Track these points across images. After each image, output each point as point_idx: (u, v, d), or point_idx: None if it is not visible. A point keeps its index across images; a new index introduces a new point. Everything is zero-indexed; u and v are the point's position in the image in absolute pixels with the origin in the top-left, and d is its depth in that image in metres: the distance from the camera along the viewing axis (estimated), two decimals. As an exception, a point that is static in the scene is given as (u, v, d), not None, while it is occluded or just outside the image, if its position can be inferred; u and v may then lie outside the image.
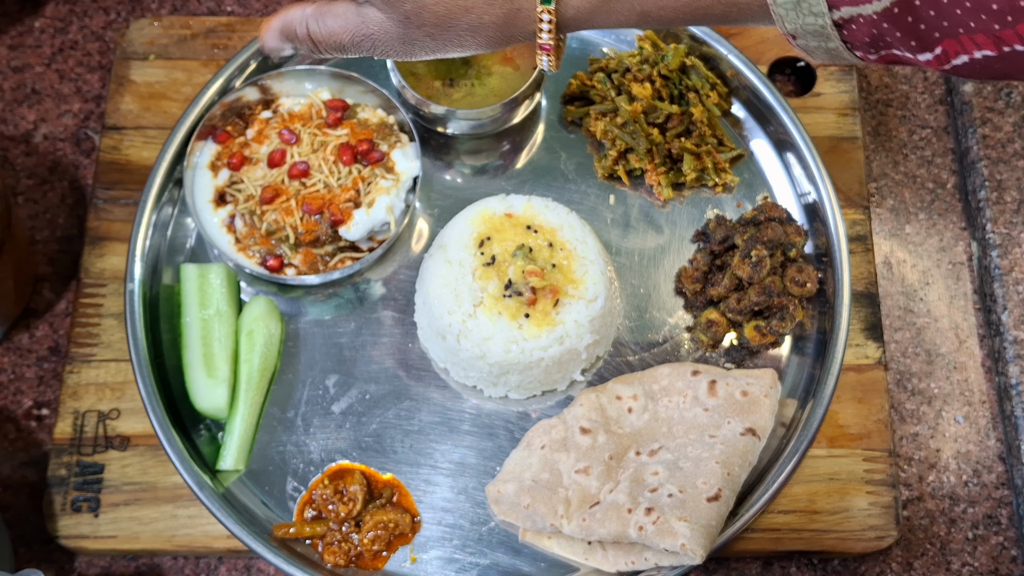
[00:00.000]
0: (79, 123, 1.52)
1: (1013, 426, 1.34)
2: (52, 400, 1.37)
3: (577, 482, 1.21)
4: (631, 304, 1.37)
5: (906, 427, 1.37)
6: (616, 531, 1.16)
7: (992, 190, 1.44)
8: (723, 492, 1.17)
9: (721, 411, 1.24)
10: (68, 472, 1.29)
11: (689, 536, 1.12)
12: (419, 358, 1.35)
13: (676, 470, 1.20)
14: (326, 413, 1.32)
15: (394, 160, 1.37)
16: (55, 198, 1.48)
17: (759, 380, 1.27)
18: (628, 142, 1.41)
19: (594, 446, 1.23)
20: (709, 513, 1.15)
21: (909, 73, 1.57)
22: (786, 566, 1.32)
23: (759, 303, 1.32)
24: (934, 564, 1.32)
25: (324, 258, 1.35)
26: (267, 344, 1.32)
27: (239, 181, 1.36)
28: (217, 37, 1.52)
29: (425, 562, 1.25)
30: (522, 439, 1.28)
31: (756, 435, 1.22)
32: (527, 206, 1.33)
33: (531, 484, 1.22)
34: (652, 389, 1.29)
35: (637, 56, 1.46)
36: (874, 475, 1.30)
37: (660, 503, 1.16)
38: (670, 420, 1.26)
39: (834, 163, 1.43)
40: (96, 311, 1.37)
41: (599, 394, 1.28)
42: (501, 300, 1.27)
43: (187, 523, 1.27)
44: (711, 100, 1.44)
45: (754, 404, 1.24)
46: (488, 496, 1.26)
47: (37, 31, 1.58)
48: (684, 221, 1.42)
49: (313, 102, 1.40)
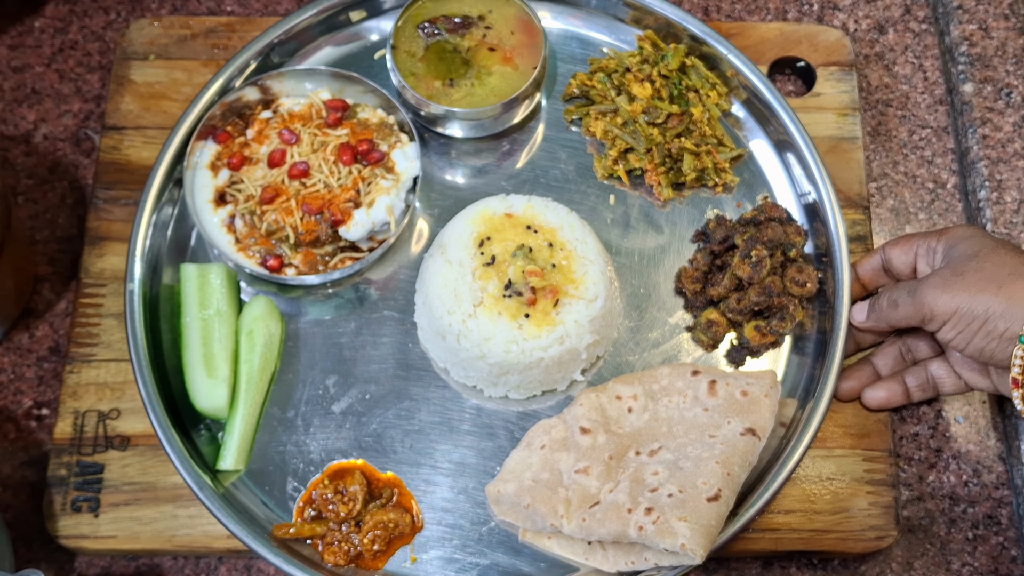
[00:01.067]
0: (79, 123, 1.52)
1: (1013, 426, 1.34)
2: (52, 400, 1.37)
3: (577, 482, 1.21)
4: (631, 304, 1.37)
5: (906, 427, 1.37)
6: (616, 531, 1.16)
7: (992, 190, 1.44)
8: (723, 492, 1.16)
9: (721, 411, 1.24)
10: (68, 472, 1.29)
11: (689, 536, 1.12)
12: (419, 358, 1.35)
13: (676, 470, 1.19)
14: (326, 413, 1.32)
15: (394, 160, 1.37)
16: (55, 198, 1.48)
17: (759, 380, 1.27)
18: (628, 142, 1.41)
19: (594, 446, 1.23)
20: (709, 513, 1.15)
21: (909, 73, 1.57)
22: (786, 566, 1.32)
23: (759, 303, 1.32)
24: (934, 564, 1.32)
25: (324, 258, 1.35)
26: (267, 344, 1.32)
27: (239, 181, 1.36)
28: (217, 37, 1.52)
29: (425, 562, 1.25)
30: (523, 439, 1.28)
31: (756, 435, 1.22)
32: (527, 206, 1.33)
33: (531, 484, 1.22)
34: (652, 389, 1.29)
35: (637, 56, 1.46)
36: (874, 475, 1.30)
37: (660, 503, 1.16)
38: (670, 420, 1.26)
39: (834, 163, 1.43)
40: (96, 311, 1.37)
41: (599, 394, 1.28)
42: (501, 300, 1.27)
43: (187, 523, 1.27)
44: (711, 100, 1.44)
45: (754, 404, 1.24)
46: (488, 496, 1.26)
47: (37, 31, 1.58)
48: (684, 221, 1.42)
49: (313, 102, 1.40)
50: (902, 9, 1.61)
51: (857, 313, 1.31)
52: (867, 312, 1.30)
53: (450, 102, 1.39)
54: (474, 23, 1.43)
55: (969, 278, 1.18)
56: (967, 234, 1.25)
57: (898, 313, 1.24)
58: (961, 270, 1.19)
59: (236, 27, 1.53)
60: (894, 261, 1.31)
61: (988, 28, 1.54)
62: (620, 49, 1.50)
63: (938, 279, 1.20)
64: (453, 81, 1.40)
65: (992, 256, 1.19)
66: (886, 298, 1.26)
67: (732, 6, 1.61)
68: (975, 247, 1.21)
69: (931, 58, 1.58)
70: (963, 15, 1.55)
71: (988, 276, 1.17)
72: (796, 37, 1.53)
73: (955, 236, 1.25)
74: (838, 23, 1.60)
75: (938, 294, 1.19)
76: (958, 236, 1.25)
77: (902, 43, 1.59)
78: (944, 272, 1.21)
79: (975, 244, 1.22)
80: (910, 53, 1.58)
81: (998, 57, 1.52)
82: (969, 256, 1.20)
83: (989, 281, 1.17)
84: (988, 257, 1.19)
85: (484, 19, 1.43)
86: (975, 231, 1.26)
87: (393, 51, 1.40)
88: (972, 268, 1.19)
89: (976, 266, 1.19)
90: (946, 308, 1.18)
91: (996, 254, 1.20)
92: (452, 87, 1.40)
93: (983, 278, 1.17)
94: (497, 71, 1.40)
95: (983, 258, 1.19)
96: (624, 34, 1.51)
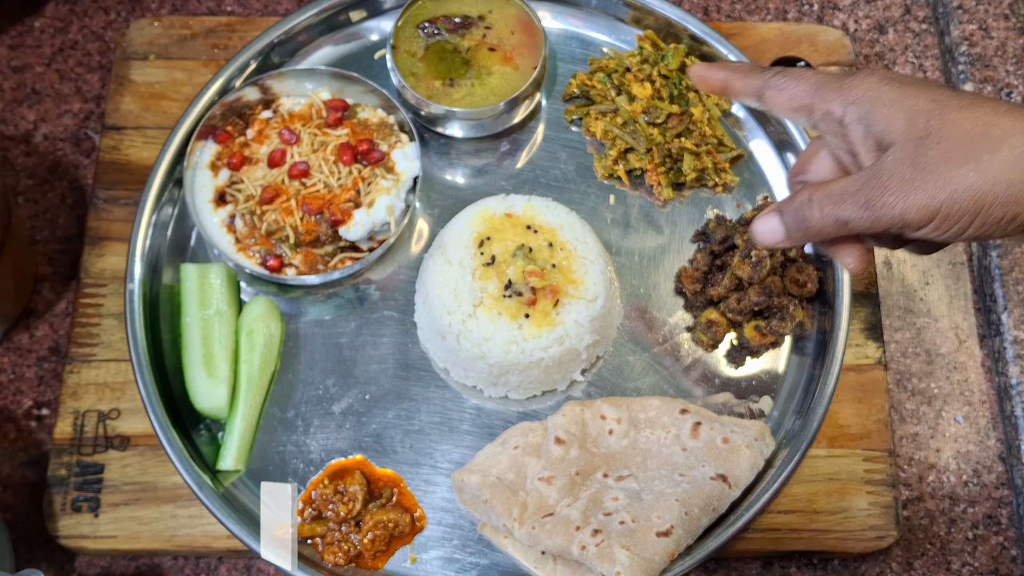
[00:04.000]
0: (79, 123, 1.52)
1: (1013, 426, 1.34)
2: (52, 400, 1.37)
3: (538, 489, 1.20)
4: (631, 304, 1.37)
5: (906, 427, 1.37)
6: (560, 545, 1.15)
7: (992, 190, 1.44)
8: (675, 530, 1.15)
9: (698, 454, 1.23)
10: (68, 472, 1.29)
11: (627, 566, 1.11)
12: (419, 358, 1.35)
13: (636, 500, 1.19)
14: (326, 413, 1.32)
15: (394, 160, 1.37)
16: (55, 198, 1.48)
17: (745, 430, 1.25)
18: (628, 142, 1.41)
19: (564, 458, 1.22)
20: (655, 547, 1.13)
21: (909, 73, 1.57)
22: (786, 566, 1.32)
23: (759, 303, 1.32)
24: (934, 564, 1.32)
25: (324, 258, 1.35)
26: (267, 344, 1.32)
27: (239, 181, 1.36)
28: (217, 37, 1.52)
29: (425, 562, 1.25)
30: (501, 435, 1.28)
31: (727, 482, 1.21)
32: (527, 206, 1.33)
33: (495, 480, 1.21)
34: (638, 418, 1.28)
35: (637, 56, 1.46)
36: (874, 475, 1.30)
37: (609, 528, 1.15)
38: (647, 452, 1.25)
39: (834, 163, 1.43)
40: (96, 311, 1.37)
41: (585, 408, 1.27)
42: (501, 300, 1.27)
43: (187, 523, 1.27)
44: (711, 100, 1.44)
45: (733, 452, 1.23)
46: (452, 482, 1.26)
47: (37, 31, 1.58)
48: (684, 221, 1.42)
49: (313, 102, 1.40)
50: (902, 9, 1.61)
51: (765, 233, 1.02)
52: (782, 228, 1.01)
53: (450, 102, 1.39)
54: (474, 23, 1.43)
55: (938, 167, 0.91)
56: (886, 95, 0.96)
57: (848, 228, 0.96)
58: (921, 159, 0.92)
59: (236, 27, 1.53)
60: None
61: (988, 28, 1.54)
62: (620, 49, 1.50)
63: (896, 179, 0.93)
64: (453, 81, 1.40)
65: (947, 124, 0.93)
66: (819, 211, 0.97)
67: (732, 6, 1.61)
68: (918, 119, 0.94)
69: (931, 58, 1.58)
70: (963, 15, 1.55)
71: (960, 153, 0.91)
72: (796, 37, 1.53)
73: (870, 101, 0.96)
74: (838, 23, 1.60)
75: (906, 197, 0.92)
76: (874, 100, 0.96)
77: (902, 43, 1.59)
78: (898, 167, 0.93)
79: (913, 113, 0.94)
80: (910, 53, 1.58)
81: (998, 57, 1.52)
82: (920, 136, 0.93)
83: (964, 158, 0.91)
84: (943, 128, 0.93)
85: (484, 19, 1.43)
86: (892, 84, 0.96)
87: (393, 51, 1.40)
88: (936, 154, 0.92)
89: (941, 149, 0.92)
90: (923, 212, 0.92)
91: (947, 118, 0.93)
92: (452, 87, 1.40)
93: (953, 157, 0.91)
94: (497, 71, 1.40)
95: (940, 132, 0.93)
96: (624, 34, 1.51)
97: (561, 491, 1.20)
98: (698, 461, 1.22)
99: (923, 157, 0.92)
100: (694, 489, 1.19)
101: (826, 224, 0.97)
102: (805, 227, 0.99)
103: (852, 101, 0.96)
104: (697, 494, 1.18)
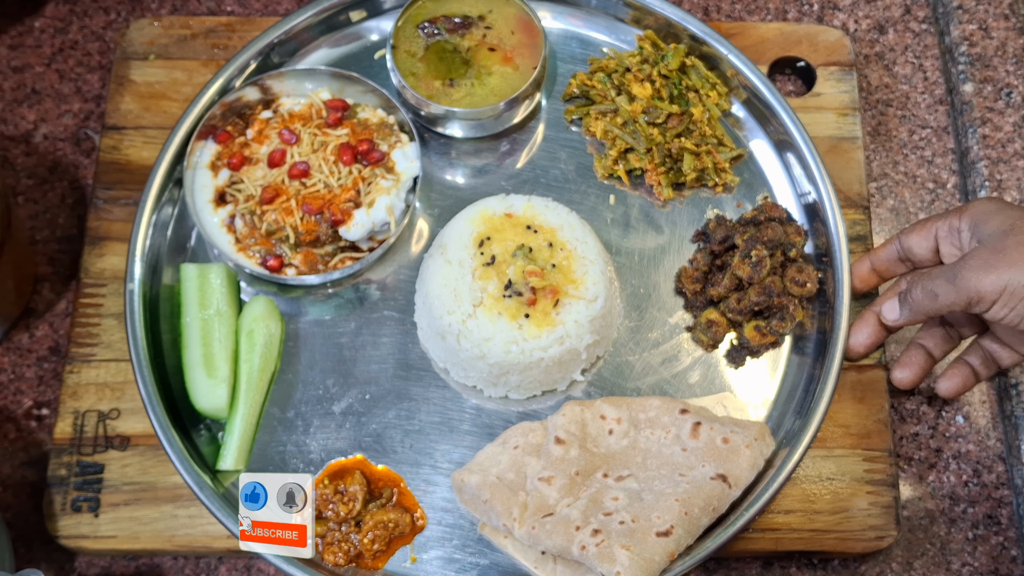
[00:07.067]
0: (79, 123, 1.52)
1: (1013, 426, 1.34)
2: (52, 400, 1.37)
3: (538, 489, 1.20)
4: (631, 304, 1.37)
5: (906, 427, 1.37)
6: (560, 545, 1.15)
7: (992, 190, 1.44)
8: (675, 530, 1.15)
9: (698, 454, 1.23)
10: (68, 472, 1.29)
11: (627, 566, 1.11)
12: (419, 358, 1.35)
13: (636, 500, 1.19)
14: (326, 413, 1.32)
15: (394, 160, 1.37)
16: (55, 198, 1.48)
17: (745, 430, 1.25)
18: (628, 142, 1.41)
19: (564, 458, 1.22)
20: (655, 547, 1.13)
21: (909, 73, 1.57)
22: (786, 566, 1.32)
23: (759, 303, 1.32)
24: (934, 564, 1.32)
25: (324, 258, 1.35)
26: (267, 344, 1.32)
27: (239, 181, 1.36)
28: (217, 37, 1.52)
29: (425, 562, 1.25)
30: (501, 435, 1.28)
31: (727, 482, 1.21)
32: (527, 206, 1.33)
33: (495, 480, 1.21)
34: (638, 418, 1.28)
35: (637, 56, 1.46)
36: (874, 475, 1.30)
37: (610, 527, 1.15)
38: (647, 452, 1.25)
39: (834, 163, 1.43)
40: (96, 311, 1.37)
41: (585, 409, 1.27)
42: (501, 300, 1.27)
43: (187, 523, 1.27)
44: (711, 100, 1.44)
45: (733, 452, 1.23)
46: (452, 482, 1.26)
47: (37, 31, 1.58)
48: (684, 221, 1.42)
49: (313, 102, 1.40)
50: (902, 9, 1.61)
51: (888, 312, 1.26)
52: (899, 308, 1.25)
53: (450, 102, 1.39)
54: (474, 23, 1.43)
55: (1012, 253, 1.14)
56: (992, 208, 1.21)
57: (939, 303, 1.19)
58: (1000, 246, 1.15)
59: (236, 27, 1.53)
60: (914, 248, 1.28)
61: (988, 28, 1.54)
62: (620, 49, 1.50)
63: (977, 260, 1.16)
64: (453, 81, 1.40)
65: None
66: (920, 289, 1.21)
67: (732, 6, 1.61)
68: (1007, 220, 1.17)
69: (931, 58, 1.58)
70: (963, 15, 1.55)
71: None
72: (796, 37, 1.53)
73: (979, 212, 1.21)
74: (838, 23, 1.60)
75: (982, 275, 1.14)
76: (982, 211, 1.21)
77: (902, 43, 1.59)
78: (982, 252, 1.16)
79: (1006, 217, 1.18)
80: (910, 53, 1.58)
81: (998, 57, 1.52)
82: (1004, 231, 1.16)
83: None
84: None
85: (484, 19, 1.43)
86: (999, 203, 1.22)
87: (393, 51, 1.40)
88: (1012, 242, 1.14)
89: (1016, 239, 1.14)
90: (994, 288, 1.14)
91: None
92: (452, 87, 1.40)
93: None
94: (497, 71, 1.40)
95: (1020, 230, 1.15)
96: (624, 34, 1.51)
97: (561, 491, 1.20)
98: (698, 461, 1.22)
99: (1002, 245, 1.15)
100: (694, 489, 1.19)
101: (923, 298, 1.21)
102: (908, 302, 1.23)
103: (967, 212, 1.22)
104: (697, 494, 1.18)
